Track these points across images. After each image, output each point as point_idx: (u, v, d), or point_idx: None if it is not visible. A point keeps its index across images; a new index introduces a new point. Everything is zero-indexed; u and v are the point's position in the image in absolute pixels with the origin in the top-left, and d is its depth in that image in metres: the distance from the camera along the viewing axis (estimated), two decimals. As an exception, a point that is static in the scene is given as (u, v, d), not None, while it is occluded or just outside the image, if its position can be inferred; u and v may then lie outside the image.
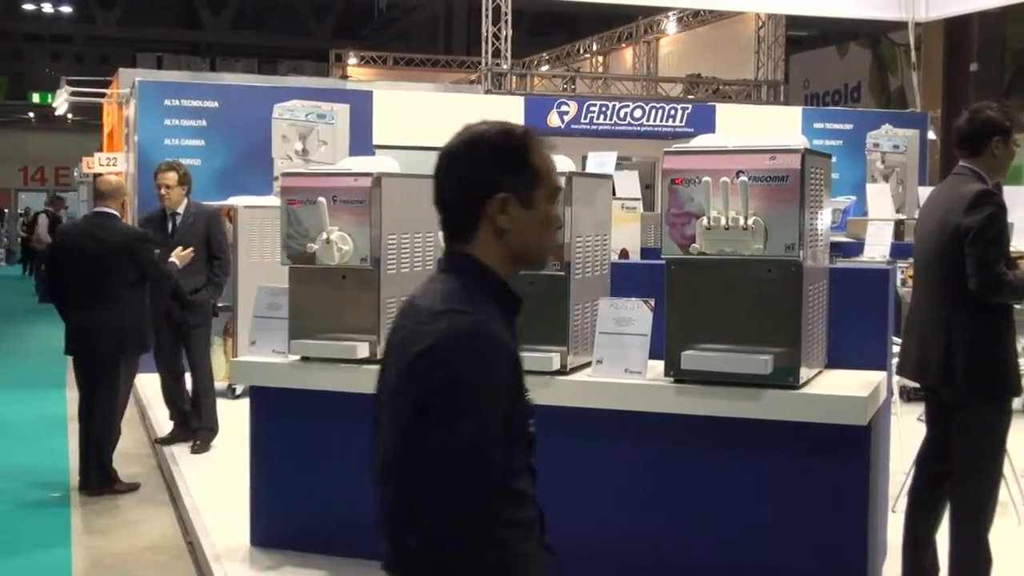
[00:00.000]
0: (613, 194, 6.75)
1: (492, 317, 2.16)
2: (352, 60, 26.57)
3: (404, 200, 5.32)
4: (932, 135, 16.42)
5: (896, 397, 6.35)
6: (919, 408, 5.89)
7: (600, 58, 25.72)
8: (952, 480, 4.63)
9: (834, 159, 5.67)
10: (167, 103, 12.44)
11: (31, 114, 39.34)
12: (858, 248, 10.15)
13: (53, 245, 8.95)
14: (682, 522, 4.72)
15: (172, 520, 6.56)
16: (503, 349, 2.12)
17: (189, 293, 7.71)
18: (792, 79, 22.61)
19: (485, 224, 2.21)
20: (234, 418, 7.28)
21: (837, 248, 9.16)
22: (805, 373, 4.45)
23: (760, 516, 4.62)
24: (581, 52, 25.74)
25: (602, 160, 8.79)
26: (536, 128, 2.32)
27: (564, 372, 4.81)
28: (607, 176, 6.02)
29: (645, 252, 8.76)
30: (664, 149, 4.59)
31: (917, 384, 5.12)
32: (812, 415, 4.40)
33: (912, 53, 16.74)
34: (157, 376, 8.05)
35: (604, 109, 15.91)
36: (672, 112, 16.05)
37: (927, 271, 4.67)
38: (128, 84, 13.48)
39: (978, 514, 4.52)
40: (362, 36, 35.21)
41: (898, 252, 9.47)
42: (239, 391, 8.95)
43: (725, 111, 16.07)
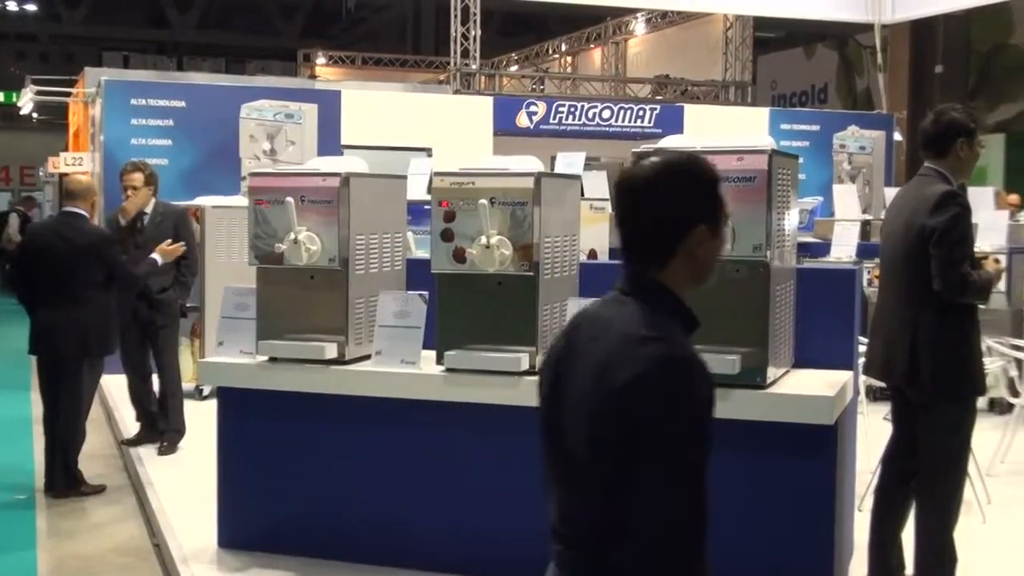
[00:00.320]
0: (582, 194, 6.75)
1: (688, 342, 2.24)
2: (320, 60, 26.51)
3: (372, 200, 5.31)
4: (898, 136, 16.55)
5: (862, 396, 6.39)
6: (885, 407, 5.92)
7: (569, 59, 25.79)
8: (918, 479, 4.66)
9: (801, 160, 5.70)
10: (133, 102, 12.36)
11: (-5, 113, 38.98)
12: (825, 248, 10.20)
13: (22, 244, 8.88)
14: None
15: (139, 522, 6.52)
16: (707, 375, 2.18)
17: (156, 293, 7.66)
18: (760, 80, 22.77)
19: (682, 253, 2.26)
20: (201, 419, 7.24)
21: (804, 248, 9.20)
22: (772, 373, 4.47)
23: (727, 515, 4.62)
24: (550, 52, 25.80)
25: (571, 160, 8.80)
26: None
27: (533, 372, 4.81)
28: (576, 176, 6.02)
29: (613, 252, 8.77)
30: (632, 150, 4.59)
31: (883, 383, 5.16)
32: (779, 415, 4.42)
33: (878, 55, 16.87)
34: (124, 377, 8.00)
35: (573, 110, 15.94)
36: (640, 113, 16.10)
37: (893, 271, 4.70)
38: (94, 83, 13.39)
39: (943, 512, 4.55)
40: (330, 36, 35.08)
41: (864, 252, 9.53)
42: (206, 392, 8.92)
43: (693, 112, 16.13)
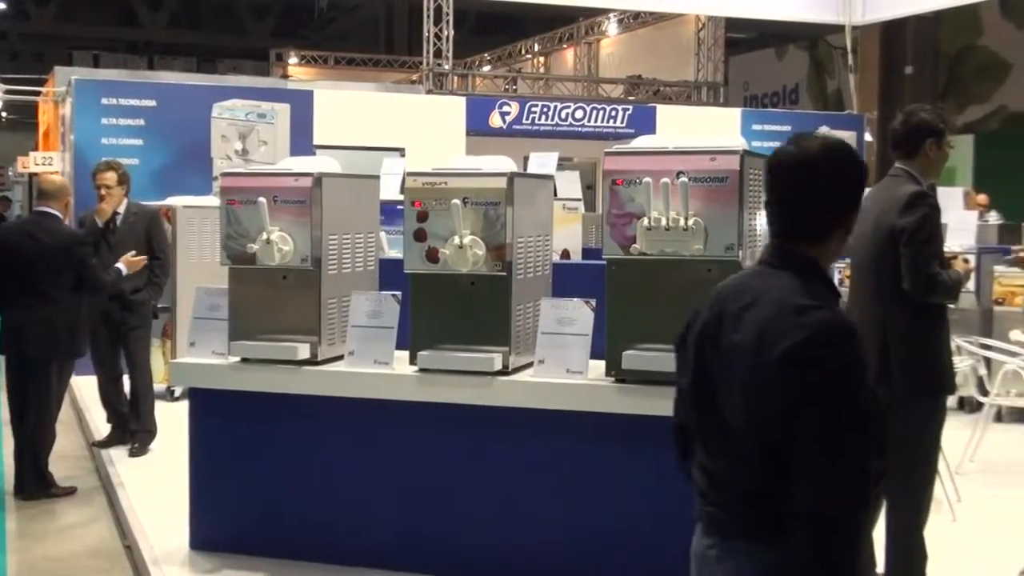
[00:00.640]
0: (555, 195, 6.76)
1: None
2: (292, 59, 26.46)
3: (345, 200, 5.30)
4: (868, 137, 16.65)
5: (834, 395, 6.42)
6: (856, 406, 5.96)
7: (542, 59, 25.82)
8: (887, 477, 4.69)
9: (772, 160, 5.72)
10: (104, 102, 12.29)
11: (-36, 112, 38.67)
12: (796, 248, 10.24)
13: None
14: (623, 520, 4.75)
15: (110, 524, 6.48)
16: (861, 341, 2.35)
17: (130, 293, 7.62)
18: (731, 81, 22.85)
19: (835, 233, 2.46)
20: (173, 420, 7.20)
21: (776, 248, 9.24)
22: (744, 372, 4.48)
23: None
24: (523, 53, 25.83)
25: (543, 161, 8.81)
26: None
27: (506, 372, 4.82)
28: (548, 177, 6.03)
29: (586, 252, 8.79)
30: (605, 150, 4.61)
31: (854, 383, 5.18)
32: (751, 414, 4.44)
33: (849, 56, 16.97)
34: (95, 378, 7.95)
35: (546, 110, 15.96)
36: (613, 113, 16.14)
37: (863, 271, 4.73)
38: (64, 82, 13.31)
39: (913, 510, 4.58)
40: (302, 35, 34.96)
41: (835, 252, 9.57)
42: (178, 393, 8.87)
43: (665, 112, 16.19)
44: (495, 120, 15.44)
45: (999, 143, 19.10)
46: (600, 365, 4.62)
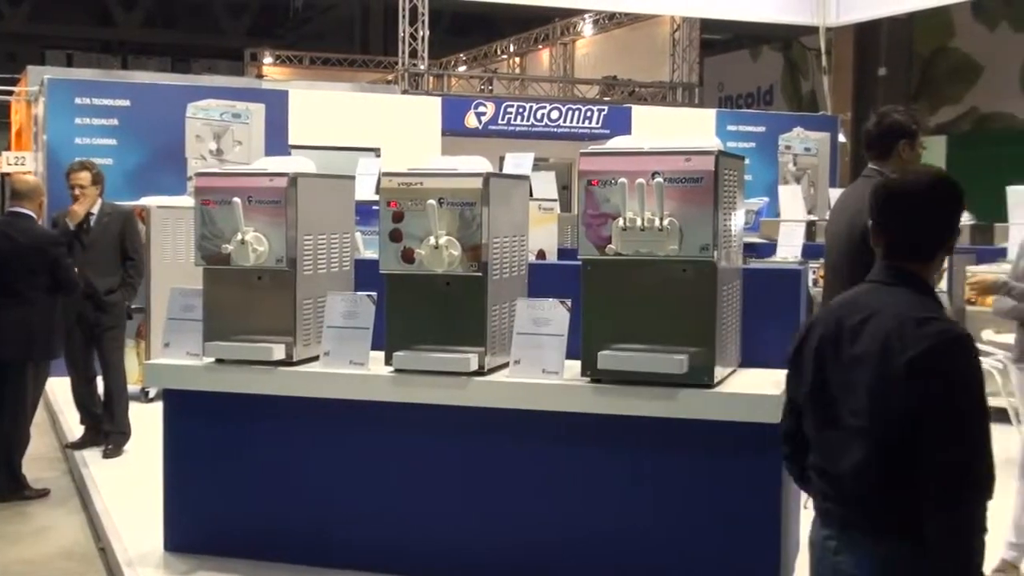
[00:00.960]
0: (530, 195, 6.76)
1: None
2: (267, 59, 26.36)
3: (321, 201, 5.29)
4: (842, 138, 16.74)
5: (808, 395, 6.44)
6: (830, 406, 5.99)
7: (517, 59, 25.82)
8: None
9: (747, 161, 5.75)
10: (78, 101, 12.23)
11: (-65, 112, 38.28)
12: (771, 249, 10.30)
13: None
14: (598, 521, 4.76)
15: (83, 526, 6.45)
16: (975, 346, 2.65)
17: (104, 294, 7.58)
18: (706, 82, 22.92)
19: (939, 254, 2.79)
20: (147, 422, 7.17)
21: (750, 249, 9.29)
22: (719, 372, 4.51)
23: (676, 513, 4.68)
24: (498, 53, 25.82)
25: (519, 161, 8.81)
26: None
27: (482, 373, 4.82)
28: (524, 177, 6.03)
29: (562, 253, 8.80)
30: (580, 150, 4.62)
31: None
32: (726, 413, 4.47)
33: (823, 57, 17.07)
34: (68, 379, 7.91)
35: (521, 110, 15.98)
36: (588, 114, 16.17)
37: (837, 271, 4.76)
38: (37, 82, 13.24)
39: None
40: (278, 35, 34.83)
41: (810, 253, 9.63)
42: (152, 394, 8.83)
43: (641, 113, 16.23)
44: (471, 120, 15.44)
45: (971, 144, 19.25)
46: (576, 365, 4.63)
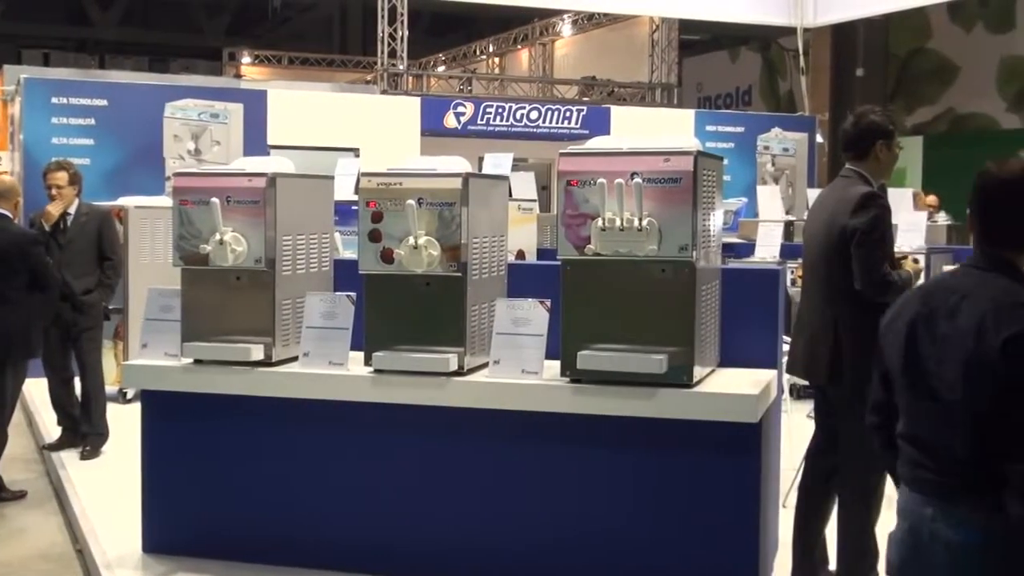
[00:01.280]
0: (510, 195, 6.78)
1: None
2: (246, 59, 26.26)
3: (299, 201, 5.27)
4: (820, 138, 16.81)
5: (786, 395, 6.48)
6: (808, 405, 6.02)
7: (496, 59, 25.83)
8: (839, 475, 4.74)
9: (726, 161, 5.77)
10: (54, 101, 12.16)
11: (-90, 111, 37.96)
12: (749, 249, 10.32)
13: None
14: (578, 520, 4.77)
15: (61, 527, 6.41)
16: None
17: (80, 294, 7.55)
18: (685, 82, 22.95)
19: None
20: (125, 423, 7.14)
21: (729, 249, 9.32)
22: (698, 372, 4.52)
23: (654, 512, 4.69)
24: (478, 53, 25.82)
25: (498, 161, 8.83)
26: None
27: (461, 373, 4.82)
28: (503, 177, 6.04)
29: (541, 253, 8.82)
30: (560, 151, 4.62)
31: (806, 382, 5.23)
32: (705, 413, 4.48)
33: (801, 58, 17.12)
34: (45, 380, 7.86)
35: (500, 110, 15.98)
36: (568, 114, 16.18)
37: (815, 271, 4.78)
38: (13, 81, 13.16)
39: (865, 508, 4.64)
40: (256, 35, 34.70)
41: (788, 253, 9.66)
42: (130, 395, 8.80)
43: (620, 113, 16.25)
44: (450, 120, 15.43)
45: (947, 144, 19.34)
46: (555, 365, 4.63)
